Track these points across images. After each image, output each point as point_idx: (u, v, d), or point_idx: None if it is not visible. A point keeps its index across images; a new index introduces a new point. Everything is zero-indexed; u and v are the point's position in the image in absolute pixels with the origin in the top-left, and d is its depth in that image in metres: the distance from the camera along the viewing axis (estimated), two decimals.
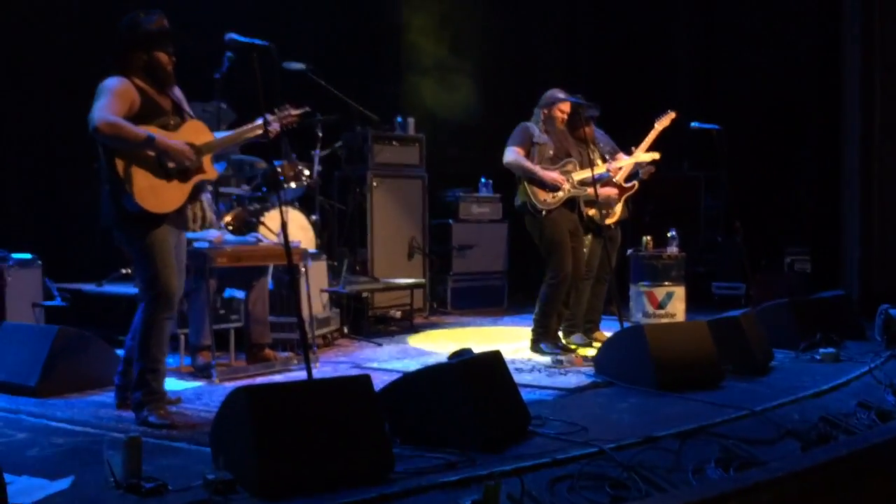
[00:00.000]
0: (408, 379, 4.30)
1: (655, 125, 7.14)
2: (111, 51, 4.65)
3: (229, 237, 6.18)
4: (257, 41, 4.60)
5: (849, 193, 9.08)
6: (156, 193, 4.54)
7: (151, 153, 4.50)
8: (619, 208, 7.18)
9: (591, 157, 6.85)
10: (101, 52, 4.69)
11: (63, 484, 3.45)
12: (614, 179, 7.09)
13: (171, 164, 4.55)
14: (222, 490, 3.34)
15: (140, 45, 4.60)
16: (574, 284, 6.84)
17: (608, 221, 7.04)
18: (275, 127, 5.02)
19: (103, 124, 4.36)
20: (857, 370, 5.89)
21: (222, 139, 5.01)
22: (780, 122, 10.98)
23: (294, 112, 5.18)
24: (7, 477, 2.92)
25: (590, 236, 7.06)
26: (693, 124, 7.43)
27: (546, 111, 6.75)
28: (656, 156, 7.13)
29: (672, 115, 7.18)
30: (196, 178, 4.75)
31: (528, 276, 9.31)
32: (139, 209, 4.47)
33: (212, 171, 4.90)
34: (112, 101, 4.44)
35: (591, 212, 6.88)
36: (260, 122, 4.89)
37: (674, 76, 12.26)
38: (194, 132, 4.79)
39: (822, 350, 6.42)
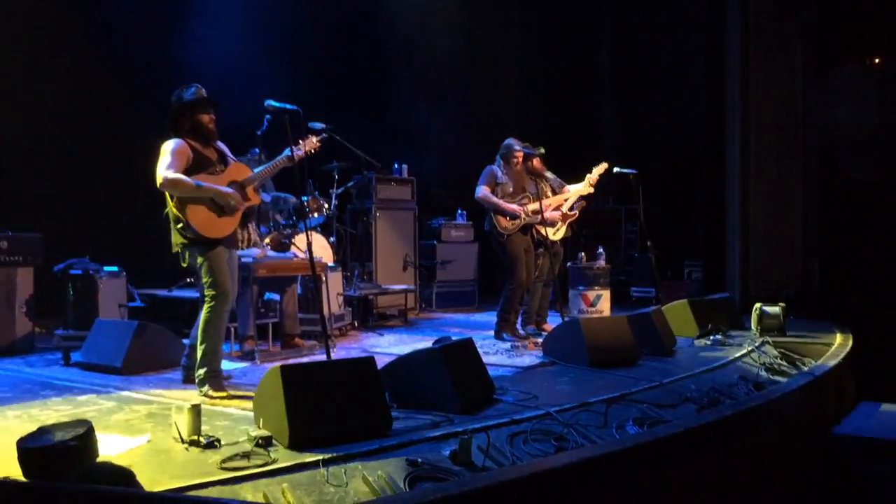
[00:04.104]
0: (403, 359, 4.27)
1: (594, 170, 7.15)
2: (166, 118, 4.65)
3: (271, 253, 6.16)
4: (288, 106, 4.60)
5: (731, 221, 9.12)
6: (213, 223, 4.54)
7: (205, 196, 4.50)
8: (562, 229, 7.18)
9: (544, 190, 6.89)
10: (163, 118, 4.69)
11: (141, 440, 3.43)
12: (562, 210, 7.11)
13: (222, 203, 4.56)
14: (262, 444, 3.32)
15: (184, 112, 4.61)
16: (527, 288, 6.88)
17: (553, 238, 7.03)
18: (299, 152, 4.94)
19: (165, 181, 4.41)
20: (739, 353, 5.89)
21: (260, 173, 4.98)
22: (681, 167, 11.07)
23: (315, 139, 5.13)
24: (98, 435, 2.89)
25: (542, 250, 7.05)
26: (616, 169, 7.47)
27: (505, 158, 6.79)
28: (591, 189, 7.15)
29: (605, 165, 7.20)
30: (244, 206, 4.75)
31: (493, 283, 9.31)
32: (199, 236, 4.47)
33: (255, 197, 4.89)
34: (172, 160, 4.46)
35: (542, 230, 6.84)
36: (287, 153, 4.86)
37: (601, 130, 12.36)
38: (237, 172, 4.79)
39: (712, 338, 6.43)
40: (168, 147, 4.51)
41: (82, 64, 7.81)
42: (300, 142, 5.01)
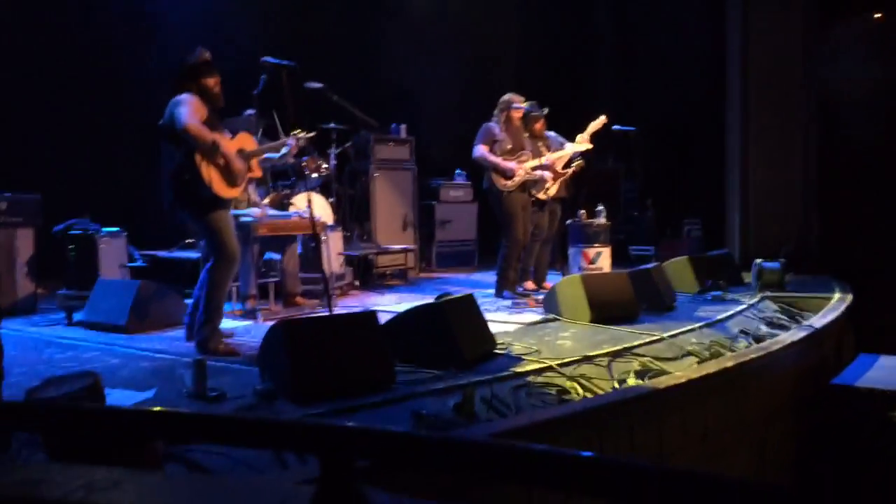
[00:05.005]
0: (406, 314, 4.27)
1: (590, 125, 7.08)
2: (172, 86, 4.59)
3: (271, 212, 6.15)
4: (286, 62, 4.55)
5: (731, 178, 9.11)
6: (224, 185, 4.52)
7: (219, 158, 4.47)
8: (554, 188, 7.09)
9: (540, 149, 6.83)
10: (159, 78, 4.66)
11: (148, 394, 3.45)
12: (556, 168, 7.04)
13: (231, 172, 4.56)
14: (267, 397, 3.35)
15: (189, 77, 4.55)
16: (524, 245, 6.86)
17: (543, 196, 6.95)
18: (292, 143, 5.09)
19: (191, 126, 4.34)
20: (738, 307, 5.92)
21: (263, 147, 5.05)
22: (681, 125, 10.99)
23: (305, 135, 5.29)
24: (106, 390, 2.90)
25: (535, 209, 6.98)
26: (615, 127, 7.42)
27: (505, 114, 6.70)
28: (590, 146, 7.08)
29: (604, 119, 7.13)
30: (248, 175, 4.74)
31: (492, 242, 9.30)
32: (213, 195, 4.44)
33: (258, 170, 4.92)
34: (192, 110, 4.41)
35: (533, 192, 6.81)
36: (285, 139, 4.97)
37: (600, 87, 12.27)
38: (245, 141, 4.78)
39: (712, 293, 6.45)
40: (185, 98, 4.45)
41: (81, 21, 7.72)
42: (293, 134, 5.06)
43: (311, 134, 5.31)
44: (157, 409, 1.20)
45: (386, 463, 1.40)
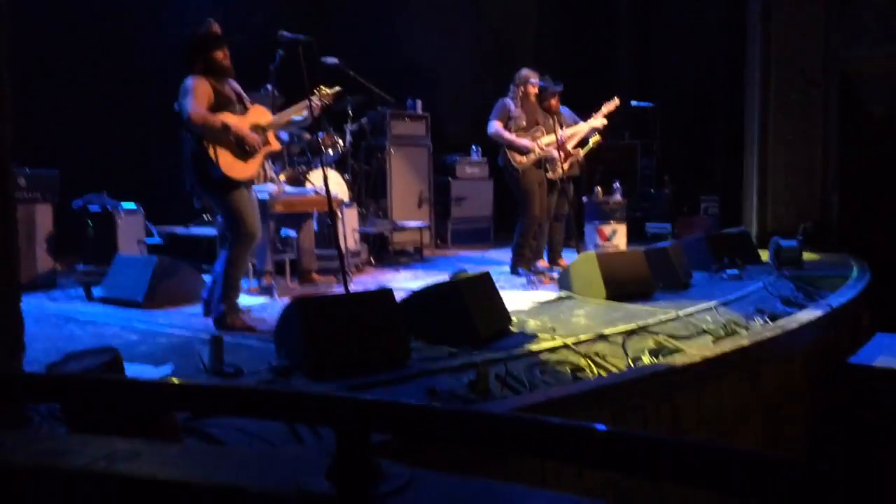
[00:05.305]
0: (422, 292, 4.28)
1: (604, 107, 7.01)
2: (180, 60, 4.58)
3: (288, 188, 6.16)
4: (301, 36, 4.53)
5: (749, 156, 9.02)
6: (237, 165, 4.51)
7: (230, 138, 4.46)
8: (564, 166, 7.01)
9: (554, 125, 6.78)
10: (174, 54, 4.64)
11: (166, 369, 3.49)
12: (568, 146, 6.97)
13: (246, 147, 4.52)
14: (283, 373, 3.38)
15: (197, 51, 4.52)
16: (540, 223, 6.83)
17: (552, 176, 6.88)
18: (317, 103, 4.97)
19: (195, 116, 4.34)
20: (755, 285, 5.90)
21: (280, 116, 4.98)
22: (699, 102, 10.89)
23: (329, 92, 5.12)
24: (124, 364, 2.94)
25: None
26: (632, 103, 7.34)
27: (522, 89, 6.65)
28: (605, 121, 7.01)
29: (616, 101, 7.06)
30: (265, 150, 4.71)
31: (508, 219, 9.29)
32: (225, 178, 4.44)
33: (275, 143, 4.87)
34: (196, 97, 4.39)
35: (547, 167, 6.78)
36: (305, 102, 4.86)
37: (617, 63, 12.16)
38: (259, 115, 4.74)
39: (728, 271, 6.42)
40: (189, 84, 4.44)
41: None
42: (315, 91, 4.97)
43: (336, 89, 5.20)
44: (177, 380, 1.23)
45: (402, 435, 1.42)
